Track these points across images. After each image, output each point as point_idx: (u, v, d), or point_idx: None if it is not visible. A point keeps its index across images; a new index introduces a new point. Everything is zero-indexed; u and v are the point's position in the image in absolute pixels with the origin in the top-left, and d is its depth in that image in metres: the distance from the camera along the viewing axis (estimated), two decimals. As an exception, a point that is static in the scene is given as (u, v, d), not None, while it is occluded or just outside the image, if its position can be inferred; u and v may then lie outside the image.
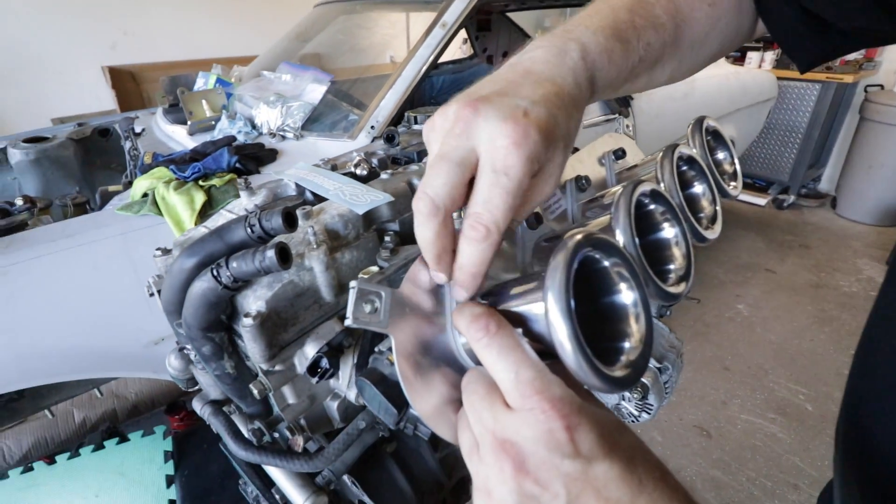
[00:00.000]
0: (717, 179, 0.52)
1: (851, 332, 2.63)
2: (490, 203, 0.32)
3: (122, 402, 2.05)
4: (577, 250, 0.30)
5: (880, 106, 3.41)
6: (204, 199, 1.19)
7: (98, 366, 1.21)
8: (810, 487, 1.82)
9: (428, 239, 0.34)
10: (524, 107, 0.33)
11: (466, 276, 0.34)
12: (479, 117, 0.32)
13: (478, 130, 0.32)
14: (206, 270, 0.45)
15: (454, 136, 0.33)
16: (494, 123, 0.32)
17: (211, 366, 0.50)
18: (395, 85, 1.46)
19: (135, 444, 1.74)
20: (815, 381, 2.32)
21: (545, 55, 0.37)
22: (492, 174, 0.32)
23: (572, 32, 0.39)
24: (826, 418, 2.12)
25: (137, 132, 2.06)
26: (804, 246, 3.58)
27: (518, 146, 0.31)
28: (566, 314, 0.29)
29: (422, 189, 0.33)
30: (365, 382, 0.40)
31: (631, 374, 0.31)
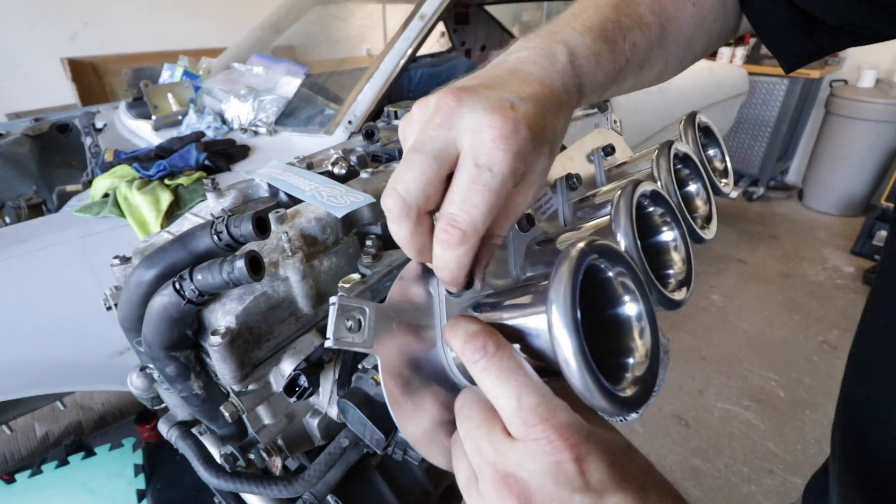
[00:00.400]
0: (711, 177, 0.50)
1: (819, 320, 2.72)
2: (468, 202, 0.29)
3: (88, 414, 1.95)
4: (583, 259, 0.28)
5: (844, 100, 3.52)
6: (170, 199, 1.12)
7: (58, 380, 1.13)
8: (784, 472, 1.88)
9: (403, 239, 0.31)
10: (512, 100, 0.30)
11: (446, 277, 0.32)
12: (462, 107, 0.29)
13: (460, 120, 0.29)
14: (168, 283, 0.41)
15: (433, 126, 0.30)
16: (480, 114, 0.29)
17: (176, 387, 0.46)
18: (373, 78, 1.41)
19: (102, 458, 1.65)
20: (786, 368, 2.39)
21: (532, 56, 0.35)
22: (473, 169, 0.28)
23: (559, 34, 0.37)
24: (797, 404, 2.19)
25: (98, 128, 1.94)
26: (773, 237, 3.69)
27: (506, 139, 0.28)
28: (572, 329, 0.26)
29: (391, 184, 0.30)
30: (348, 405, 0.36)
31: (639, 393, 0.29)
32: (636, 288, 0.31)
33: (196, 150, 1.23)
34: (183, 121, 1.50)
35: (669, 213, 0.40)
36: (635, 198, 0.35)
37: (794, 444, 1.98)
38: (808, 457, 1.93)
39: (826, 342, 2.54)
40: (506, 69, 0.34)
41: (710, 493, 1.83)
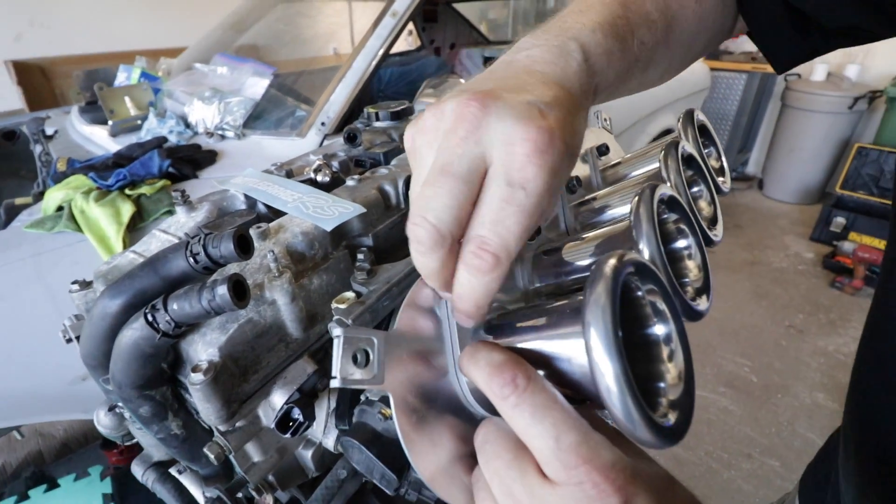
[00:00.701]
0: (713, 177, 0.49)
1: (784, 305, 2.83)
2: (500, 225, 0.26)
3: (49, 442, 1.82)
4: (619, 274, 0.25)
5: (799, 94, 3.68)
6: (132, 210, 1.04)
7: (14, 413, 1.04)
8: (762, 455, 1.94)
9: (432, 271, 0.28)
10: (540, 107, 0.27)
11: (468, 307, 0.29)
12: (489, 116, 0.26)
13: (489, 132, 0.26)
14: (138, 314, 0.36)
15: (457, 140, 0.27)
16: (510, 124, 0.26)
17: (152, 428, 0.41)
18: (346, 77, 1.36)
19: (66, 489, 1.54)
20: (757, 353, 2.48)
21: (546, 55, 0.32)
22: (506, 188, 0.26)
23: (569, 30, 0.34)
24: (769, 388, 2.26)
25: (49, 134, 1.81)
26: (738, 226, 3.82)
27: (542, 154, 0.25)
28: (615, 353, 0.23)
29: (420, 213, 0.27)
30: (353, 444, 0.33)
31: (680, 420, 0.27)
32: (667, 305, 0.29)
33: (159, 157, 1.15)
34: (143, 126, 1.41)
35: (684, 218, 0.38)
36: (656, 203, 0.33)
37: (769, 428, 2.05)
38: (783, 439, 2.00)
39: (792, 326, 2.65)
40: (519, 69, 0.31)
41: (692, 480, 1.87)
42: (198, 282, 0.38)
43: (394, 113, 0.76)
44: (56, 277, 1.00)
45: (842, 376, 2.28)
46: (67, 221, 1.03)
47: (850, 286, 2.83)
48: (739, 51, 4.12)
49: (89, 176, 1.13)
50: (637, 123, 2.45)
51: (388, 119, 0.76)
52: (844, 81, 3.66)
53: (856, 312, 2.72)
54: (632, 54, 0.37)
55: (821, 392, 2.21)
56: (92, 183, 1.11)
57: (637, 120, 2.44)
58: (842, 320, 2.66)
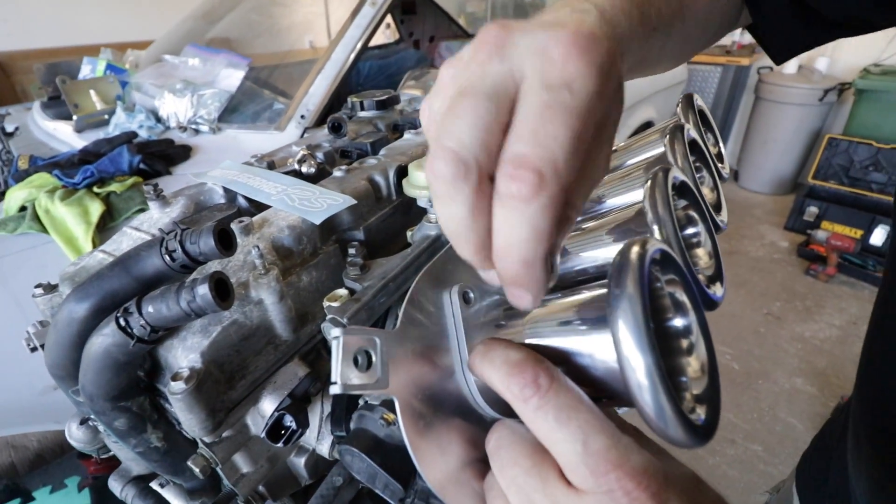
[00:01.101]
0: (715, 162, 0.47)
1: (762, 293, 2.90)
2: (541, 133, 0.20)
3: (22, 453, 1.73)
4: (645, 262, 0.23)
5: (771, 86, 3.76)
6: (101, 209, 0.99)
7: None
8: (745, 440, 1.98)
9: (460, 219, 0.22)
10: (576, 15, 0.24)
11: (516, 265, 0.21)
12: (513, 33, 0.22)
13: (516, 47, 0.22)
14: (109, 319, 0.33)
15: (479, 62, 0.22)
16: (541, 34, 0.21)
17: (129, 442, 0.38)
18: (325, 69, 1.32)
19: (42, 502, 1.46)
20: (737, 341, 2.53)
21: (568, 14, 0.27)
22: (544, 93, 0.20)
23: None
24: (750, 374, 2.31)
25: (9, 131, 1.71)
26: (716, 217, 3.89)
27: (585, 51, 0.21)
28: (647, 346, 0.21)
29: (439, 142, 0.21)
30: (353, 452, 0.30)
31: (710, 416, 0.25)
32: (687, 295, 0.27)
33: (129, 153, 1.09)
34: (110, 120, 1.34)
35: (693, 204, 0.36)
36: (670, 186, 0.31)
37: (751, 413, 2.10)
38: (765, 424, 2.04)
39: (770, 314, 2.71)
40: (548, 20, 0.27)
41: (679, 467, 1.89)
42: (175, 281, 0.34)
43: (379, 102, 0.73)
44: (20, 282, 0.94)
45: (818, 361, 2.35)
46: (31, 222, 0.97)
47: (823, 273, 2.92)
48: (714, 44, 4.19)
49: (54, 174, 1.06)
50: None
51: (374, 108, 0.73)
52: (815, 74, 3.76)
53: (829, 299, 2.80)
54: (650, 22, 0.34)
55: (799, 377, 2.27)
56: (57, 181, 1.05)
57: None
58: (817, 307, 2.74)
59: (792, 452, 1.92)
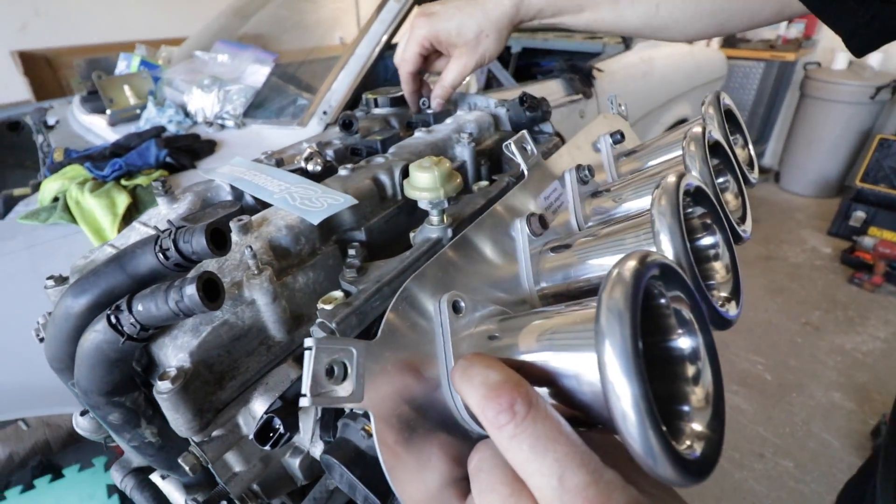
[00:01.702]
0: (741, 167, 0.44)
1: (801, 301, 2.75)
2: None
3: (56, 432, 1.82)
4: (641, 279, 0.21)
5: (818, 83, 3.56)
6: (128, 201, 1.02)
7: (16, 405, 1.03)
8: (775, 455, 1.89)
9: None
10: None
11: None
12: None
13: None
14: (102, 316, 0.33)
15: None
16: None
17: (124, 436, 0.38)
18: (349, 65, 1.32)
19: (71, 480, 1.54)
20: (771, 351, 2.41)
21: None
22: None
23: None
24: (784, 386, 2.20)
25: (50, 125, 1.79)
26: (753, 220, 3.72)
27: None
28: (634, 373, 0.19)
29: None
30: (333, 462, 0.29)
31: (707, 452, 0.22)
32: (694, 315, 0.24)
33: (156, 147, 1.12)
34: (141, 115, 1.38)
35: (711, 212, 0.33)
36: (681, 194, 0.29)
37: (783, 427, 2.00)
38: (797, 439, 1.94)
39: (809, 323, 2.57)
40: None
41: (703, 480, 1.82)
42: (171, 279, 0.34)
43: (393, 99, 0.72)
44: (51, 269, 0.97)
45: (859, 375, 2.22)
46: (62, 212, 1.01)
47: (869, 283, 2.74)
48: (757, 38, 3.99)
49: (85, 166, 1.10)
50: (651, 113, 2.38)
51: (388, 105, 0.72)
52: (867, 70, 3.53)
53: (875, 310, 2.63)
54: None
55: (837, 392, 2.14)
56: (87, 173, 1.09)
57: (650, 110, 2.37)
58: (860, 318, 2.59)
59: (825, 470, 1.81)
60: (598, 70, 2.06)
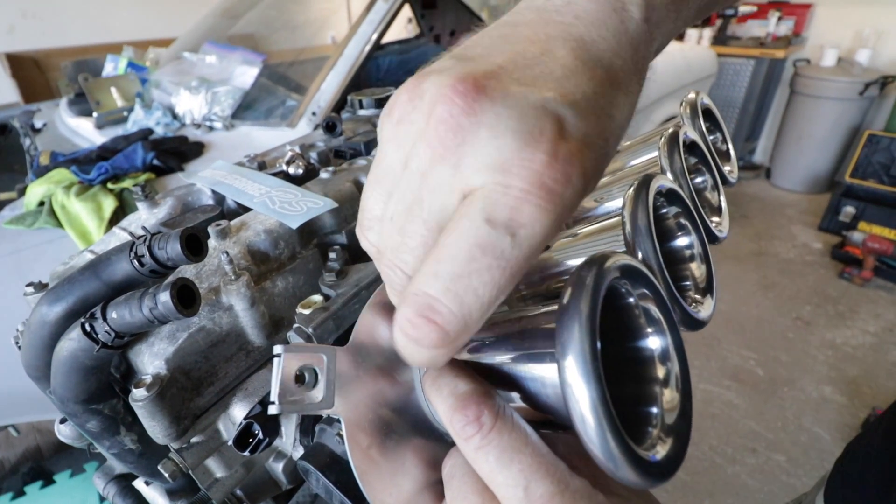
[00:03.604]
0: (719, 166, 0.44)
1: (791, 297, 2.77)
2: (464, 282, 0.18)
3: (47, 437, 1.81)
4: (601, 282, 0.21)
5: (808, 80, 3.58)
6: (115, 204, 1.01)
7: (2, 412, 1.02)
8: (767, 450, 1.90)
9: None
10: (559, 115, 0.18)
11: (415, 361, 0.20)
12: (479, 124, 0.18)
13: (474, 151, 0.18)
14: (76, 324, 0.33)
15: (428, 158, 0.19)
16: (509, 144, 0.18)
17: (103, 444, 0.38)
18: (337, 65, 1.32)
19: (62, 486, 1.53)
20: (763, 346, 2.43)
21: (589, 6, 0.22)
22: (485, 228, 0.17)
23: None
24: (775, 381, 2.22)
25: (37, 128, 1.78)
26: (744, 216, 3.74)
27: (549, 196, 0.17)
28: (592, 375, 0.19)
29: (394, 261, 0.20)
30: (309, 468, 0.29)
31: (672, 452, 0.23)
32: (662, 315, 0.25)
33: (143, 150, 1.11)
34: (129, 117, 1.37)
35: (685, 213, 0.34)
36: (652, 195, 0.29)
37: (775, 422, 2.01)
38: (789, 434, 1.96)
39: (800, 318, 2.59)
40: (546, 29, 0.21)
41: (696, 475, 1.84)
42: (147, 286, 0.34)
43: (378, 100, 0.72)
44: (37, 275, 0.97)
45: (850, 369, 2.24)
46: (48, 217, 1.00)
47: (859, 277, 2.77)
48: (747, 36, 4.01)
49: (71, 169, 1.10)
50: (642, 111, 2.39)
51: (373, 107, 0.72)
52: (855, 67, 3.56)
53: (864, 304, 2.66)
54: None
55: (828, 386, 2.16)
56: (74, 177, 1.08)
57: (641, 108, 2.37)
58: (850, 312, 2.61)
59: (817, 464, 1.83)
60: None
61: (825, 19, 3.86)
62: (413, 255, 0.20)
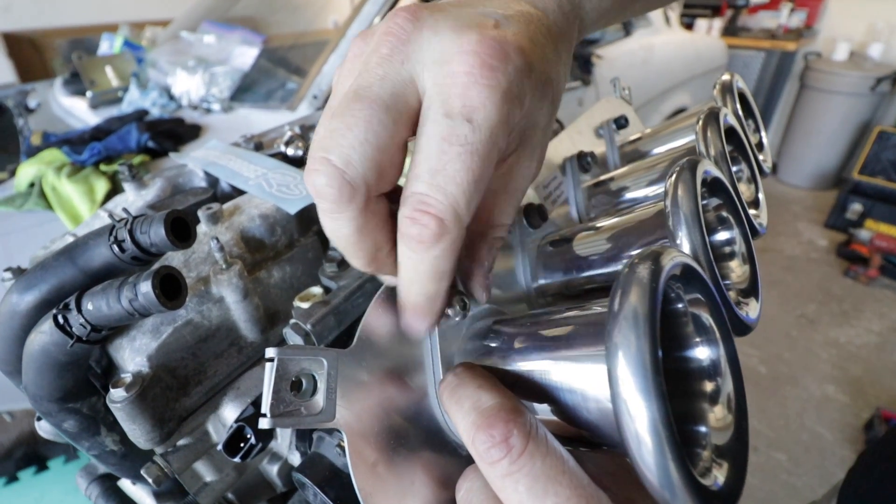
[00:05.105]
0: (755, 154, 0.41)
1: (796, 294, 2.75)
2: (442, 174, 0.19)
3: (41, 422, 1.79)
4: (659, 281, 0.18)
5: (819, 73, 3.52)
6: (107, 187, 0.97)
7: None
8: (768, 448, 1.89)
9: (346, 238, 0.21)
10: (495, 17, 0.21)
11: (416, 298, 0.22)
12: (421, 28, 0.21)
13: (419, 49, 0.20)
14: (48, 315, 0.29)
15: (378, 58, 0.21)
16: (448, 36, 0.20)
17: (82, 444, 0.35)
18: (339, 47, 1.27)
19: (55, 472, 1.51)
20: (766, 344, 2.41)
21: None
22: (444, 122, 0.19)
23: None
24: (778, 379, 2.20)
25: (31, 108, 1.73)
26: (750, 212, 3.70)
27: (491, 70, 0.19)
28: (653, 389, 0.16)
29: (319, 153, 0.19)
30: (306, 481, 0.26)
31: (732, 479, 0.19)
32: (716, 324, 0.21)
33: (137, 131, 1.07)
34: (124, 98, 1.32)
35: (728, 204, 0.30)
36: (699, 181, 0.26)
37: (777, 420, 2.00)
38: (791, 432, 1.94)
39: (804, 316, 2.57)
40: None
41: (696, 472, 1.82)
42: (129, 275, 0.31)
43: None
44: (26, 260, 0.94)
45: (853, 369, 2.22)
46: (38, 198, 0.97)
47: (864, 275, 2.74)
48: (758, 27, 3.93)
49: (63, 150, 1.05)
50: (650, 102, 2.34)
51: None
52: (867, 61, 3.49)
53: (869, 303, 2.63)
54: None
55: (831, 385, 2.14)
56: (65, 158, 1.04)
57: (650, 98, 2.33)
58: (855, 311, 2.58)
59: (818, 464, 1.82)
60: (597, 56, 2.01)
61: (838, 12, 3.78)
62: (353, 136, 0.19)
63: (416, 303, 0.22)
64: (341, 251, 0.23)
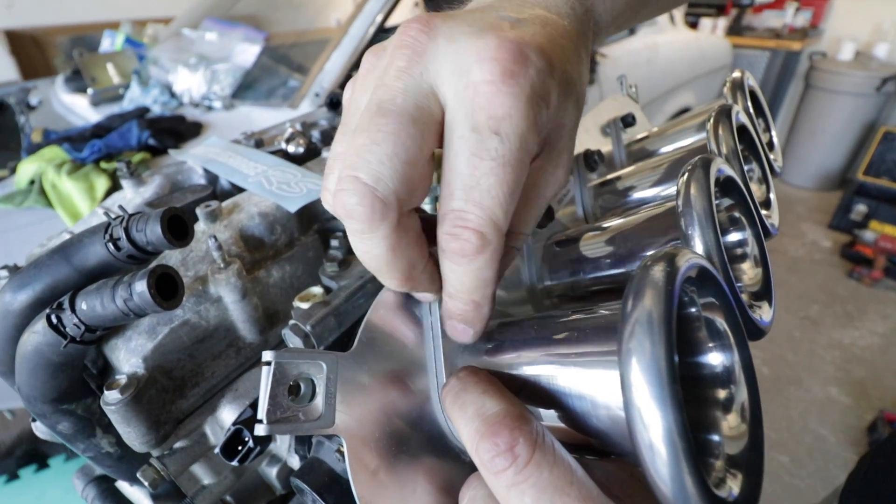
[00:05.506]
0: (767, 153, 0.40)
1: (799, 295, 2.73)
2: (476, 189, 0.19)
3: (42, 420, 1.79)
4: (675, 283, 0.17)
5: (824, 73, 3.50)
6: (107, 184, 0.97)
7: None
8: (770, 450, 1.88)
9: (377, 257, 0.21)
10: (508, 19, 0.21)
11: (464, 307, 0.22)
12: (436, 37, 0.20)
13: (436, 58, 0.20)
14: (42, 315, 0.29)
15: (396, 71, 0.20)
16: (465, 43, 0.19)
17: (77, 446, 0.34)
18: (342, 45, 1.26)
19: (56, 470, 1.51)
20: (768, 345, 2.40)
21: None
22: (472, 136, 0.19)
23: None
24: (781, 380, 2.19)
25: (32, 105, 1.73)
26: (753, 212, 3.69)
27: (513, 77, 0.19)
28: (669, 399, 0.15)
29: (349, 171, 0.19)
30: (304, 487, 0.25)
31: (747, 492, 0.19)
32: (730, 329, 0.20)
33: (138, 128, 1.07)
34: (125, 95, 1.32)
35: (741, 204, 0.29)
36: (713, 180, 0.25)
37: (780, 422, 1.98)
38: (793, 434, 1.93)
39: (807, 317, 2.56)
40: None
41: (698, 473, 1.81)
42: (124, 274, 0.30)
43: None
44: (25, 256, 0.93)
45: (857, 371, 2.20)
46: (38, 196, 0.96)
47: (868, 277, 2.72)
48: (763, 26, 3.91)
49: (63, 147, 1.05)
50: (654, 101, 2.32)
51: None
52: (873, 61, 3.47)
53: (873, 304, 2.62)
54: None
55: (834, 386, 2.13)
56: (66, 155, 1.04)
57: (654, 98, 2.31)
58: (858, 312, 2.57)
59: (821, 465, 1.80)
60: (601, 55, 2.00)
61: (843, 11, 3.75)
62: (381, 152, 0.19)
63: (463, 311, 0.22)
64: (374, 272, 0.22)
